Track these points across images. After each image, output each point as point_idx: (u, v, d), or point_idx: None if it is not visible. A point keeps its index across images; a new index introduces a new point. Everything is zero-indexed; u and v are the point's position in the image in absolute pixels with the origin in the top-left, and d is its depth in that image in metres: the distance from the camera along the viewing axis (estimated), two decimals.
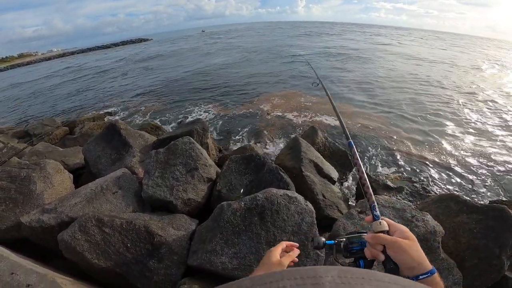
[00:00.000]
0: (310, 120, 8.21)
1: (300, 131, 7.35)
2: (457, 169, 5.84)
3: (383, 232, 0.74)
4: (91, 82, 20.33)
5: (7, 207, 3.00)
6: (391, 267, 0.69)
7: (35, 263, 2.29)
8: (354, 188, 4.54)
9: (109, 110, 11.58)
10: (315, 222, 2.28)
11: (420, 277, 0.64)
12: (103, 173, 3.68)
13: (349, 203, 3.79)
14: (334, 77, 14.14)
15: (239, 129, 8.20)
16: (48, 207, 2.78)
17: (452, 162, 6.13)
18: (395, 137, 7.19)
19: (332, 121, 8.21)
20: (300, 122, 8.27)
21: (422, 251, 0.68)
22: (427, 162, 6.05)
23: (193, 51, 32.53)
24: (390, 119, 8.53)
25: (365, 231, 0.84)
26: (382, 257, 0.71)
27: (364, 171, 0.93)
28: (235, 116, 9.33)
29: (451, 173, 5.69)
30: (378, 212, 0.81)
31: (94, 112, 11.25)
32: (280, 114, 9.02)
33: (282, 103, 10.13)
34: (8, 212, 2.97)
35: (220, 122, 8.99)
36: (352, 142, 1.09)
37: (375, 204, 0.84)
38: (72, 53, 75.31)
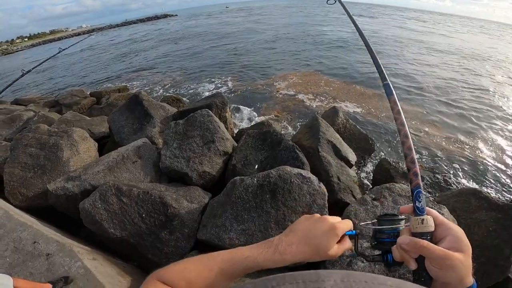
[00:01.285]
0: (327, 105, 7.87)
1: (319, 112, 7.14)
2: (487, 164, 5.47)
3: (425, 234, 0.53)
4: (118, 55, 20.81)
5: (36, 174, 3.13)
6: (422, 279, 0.53)
7: (58, 231, 2.38)
8: (371, 175, 4.42)
9: (134, 82, 11.87)
10: (327, 205, 2.23)
11: None
12: (125, 142, 3.78)
13: (365, 189, 3.70)
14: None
15: (257, 105, 8.14)
16: (73, 174, 2.87)
17: (483, 156, 5.75)
18: (426, 128, 6.80)
19: (353, 107, 7.84)
20: (317, 105, 8.02)
21: (471, 263, 0.50)
22: (454, 154, 5.71)
23: (218, 26, 31.99)
24: (422, 107, 8.02)
25: (403, 217, 0.60)
26: (413, 266, 0.53)
27: (409, 135, 0.64)
28: (254, 92, 9.26)
29: (479, 168, 5.36)
30: (423, 203, 0.57)
31: (120, 83, 11.57)
32: (299, 94, 8.79)
33: (302, 83, 9.85)
34: (36, 179, 3.11)
35: (239, 97, 8.96)
36: (391, 85, 0.71)
37: (421, 190, 0.59)
38: (100, 29, 76.74)
